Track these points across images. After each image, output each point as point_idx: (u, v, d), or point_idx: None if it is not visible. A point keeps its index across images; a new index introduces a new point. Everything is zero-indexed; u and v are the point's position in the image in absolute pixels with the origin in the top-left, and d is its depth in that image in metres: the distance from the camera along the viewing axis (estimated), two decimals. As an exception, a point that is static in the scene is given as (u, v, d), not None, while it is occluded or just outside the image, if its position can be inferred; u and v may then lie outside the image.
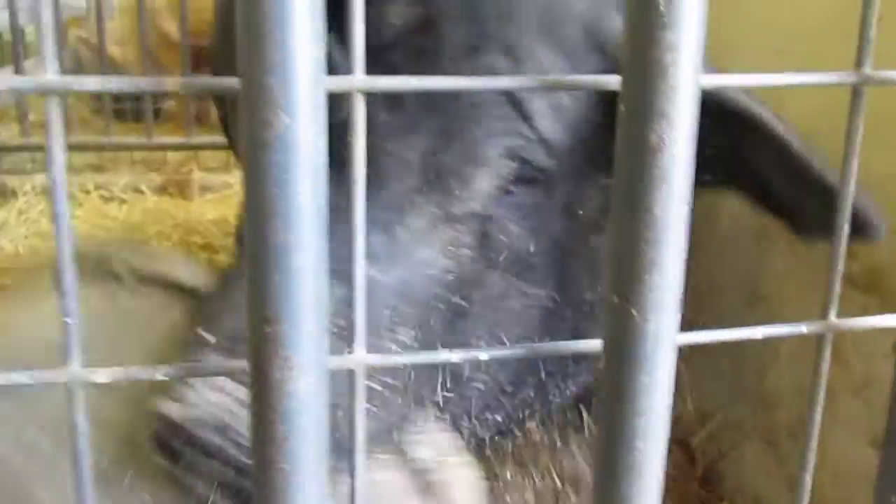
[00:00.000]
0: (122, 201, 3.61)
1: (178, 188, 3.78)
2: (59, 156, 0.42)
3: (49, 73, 0.40)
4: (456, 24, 1.00)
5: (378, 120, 0.99)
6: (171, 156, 4.10)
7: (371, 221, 0.78)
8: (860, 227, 0.87)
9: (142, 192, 3.71)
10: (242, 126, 0.38)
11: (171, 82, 0.42)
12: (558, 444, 1.39)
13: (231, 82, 0.39)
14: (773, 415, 1.67)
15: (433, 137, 1.02)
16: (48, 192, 3.71)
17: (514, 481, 1.30)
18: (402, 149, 1.02)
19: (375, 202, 0.99)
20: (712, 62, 0.92)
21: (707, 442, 1.90)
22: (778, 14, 1.20)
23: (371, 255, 0.85)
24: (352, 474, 0.54)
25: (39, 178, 3.75)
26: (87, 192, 3.67)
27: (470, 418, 1.10)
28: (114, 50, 4.63)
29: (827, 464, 1.55)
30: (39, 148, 3.94)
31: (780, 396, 1.65)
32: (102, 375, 0.45)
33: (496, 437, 1.27)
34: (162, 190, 3.77)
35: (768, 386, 1.64)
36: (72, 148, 3.97)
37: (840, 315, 0.60)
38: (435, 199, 1.04)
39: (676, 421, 2.01)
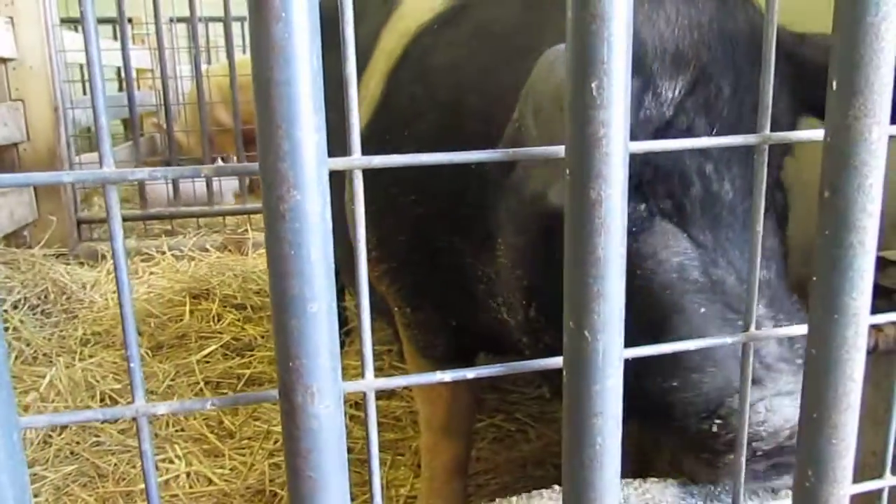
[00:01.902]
0: (191, 258, 3.64)
1: (236, 246, 3.82)
2: (118, 231, 0.42)
3: (105, 167, 0.41)
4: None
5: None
6: (229, 220, 4.14)
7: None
8: None
9: (206, 250, 3.74)
10: (263, 203, 0.39)
11: (206, 169, 0.43)
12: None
13: (252, 167, 0.40)
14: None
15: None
16: (131, 254, 3.74)
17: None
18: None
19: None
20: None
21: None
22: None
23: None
24: (371, 492, 0.54)
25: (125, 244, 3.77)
26: (163, 253, 3.71)
27: None
28: (179, 136, 4.70)
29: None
30: (124, 219, 3.98)
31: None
32: (163, 408, 0.45)
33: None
34: (222, 248, 3.80)
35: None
36: (149, 217, 4.02)
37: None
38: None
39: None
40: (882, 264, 1.17)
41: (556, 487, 0.97)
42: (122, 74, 4.80)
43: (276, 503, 1.83)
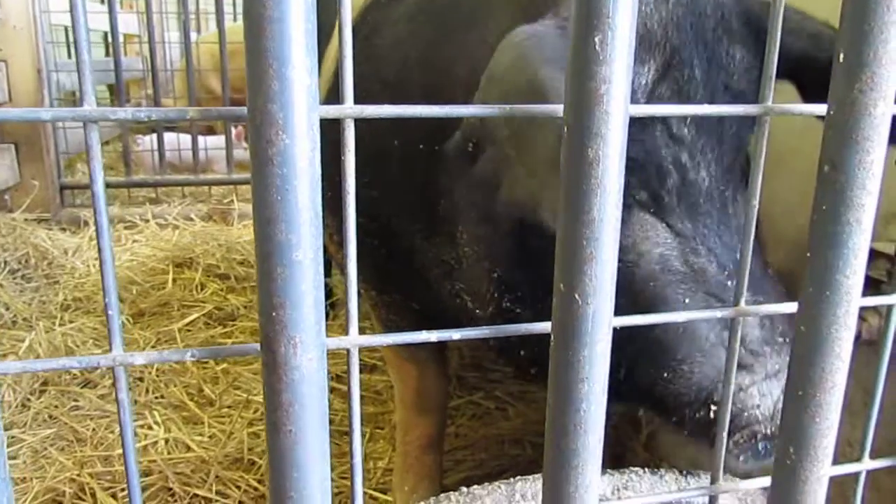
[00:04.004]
0: (175, 227, 3.61)
1: (221, 216, 3.78)
2: (98, 172, 0.41)
3: (86, 105, 0.39)
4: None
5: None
6: (215, 190, 4.10)
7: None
8: None
9: (191, 220, 3.70)
10: (250, 146, 0.37)
11: (192, 111, 0.41)
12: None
13: (239, 111, 0.38)
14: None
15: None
16: (114, 221, 3.69)
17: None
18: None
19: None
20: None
21: (649, 414, 1.88)
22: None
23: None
24: (351, 448, 0.53)
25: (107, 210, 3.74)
26: (147, 221, 3.66)
27: None
28: (167, 104, 4.64)
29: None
30: (107, 185, 3.93)
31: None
32: (141, 359, 0.44)
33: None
34: (207, 217, 3.77)
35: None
36: (134, 185, 3.96)
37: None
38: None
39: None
40: (872, 255, 1.17)
41: (464, 489, 0.98)
42: (109, 39, 4.72)
43: (254, 471, 1.82)
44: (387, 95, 1.23)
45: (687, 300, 0.95)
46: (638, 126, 0.92)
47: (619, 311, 0.47)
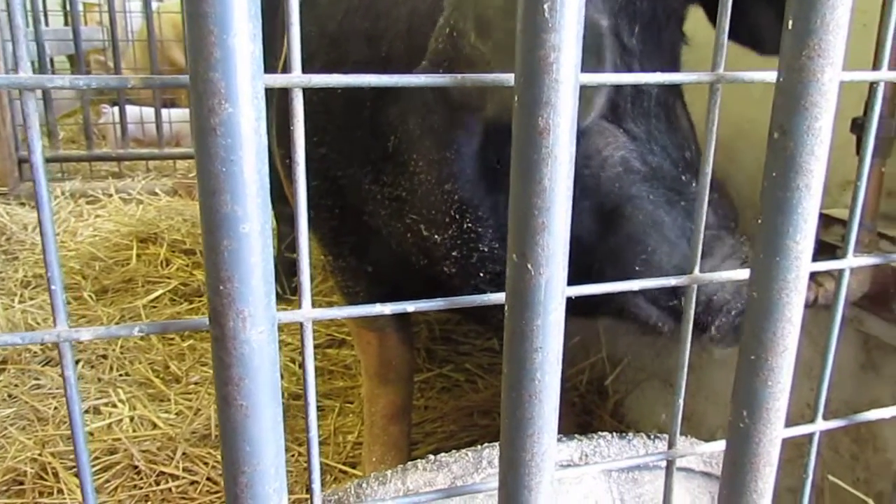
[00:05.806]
0: (139, 202, 3.55)
1: (186, 190, 3.73)
2: (37, 144, 0.39)
3: (21, 72, 0.38)
4: None
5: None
6: (180, 164, 4.04)
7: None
8: None
9: (156, 194, 3.65)
10: (192, 115, 0.36)
11: (134, 79, 0.40)
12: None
13: (183, 79, 0.38)
14: (669, 359, 1.70)
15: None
16: (76, 196, 3.61)
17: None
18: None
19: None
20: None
21: (616, 382, 1.92)
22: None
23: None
24: (307, 423, 0.53)
25: (68, 185, 3.68)
26: (110, 196, 3.60)
27: None
28: (127, 75, 4.54)
29: (708, 396, 1.57)
30: (67, 159, 3.85)
31: (673, 345, 1.67)
32: (87, 334, 0.43)
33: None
34: (172, 192, 3.71)
35: (664, 337, 1.67)
36: (97, 158, 3.89)
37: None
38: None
39: (592, 366, 2.01)
40: (826, 222, 1.19)
41: (431, 457, 1.00)
42: (68, 7, 4.59)
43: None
44: (330, 48, 1.25)
45: (651, 196, 1.02)
46: None
47: (589, 215, 0.45)
